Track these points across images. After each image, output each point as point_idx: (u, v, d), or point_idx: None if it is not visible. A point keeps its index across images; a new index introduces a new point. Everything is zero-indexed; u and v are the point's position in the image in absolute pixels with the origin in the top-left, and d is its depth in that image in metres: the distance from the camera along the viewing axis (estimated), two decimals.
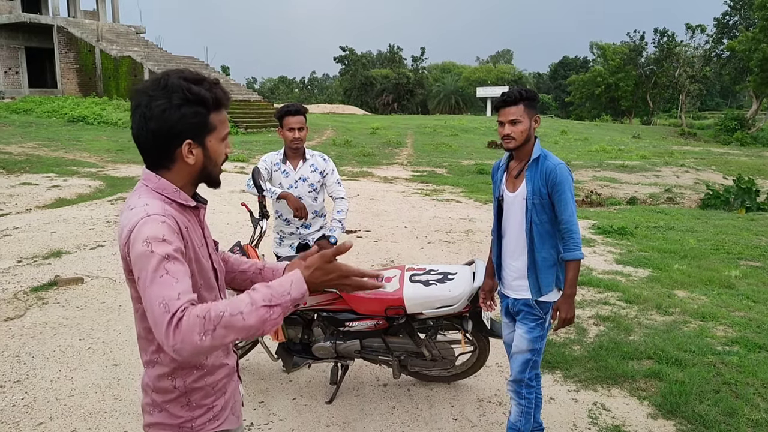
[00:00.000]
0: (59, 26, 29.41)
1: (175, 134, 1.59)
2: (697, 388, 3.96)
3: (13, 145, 16.74)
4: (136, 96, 1.61)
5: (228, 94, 1.69)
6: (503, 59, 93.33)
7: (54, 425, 3.57)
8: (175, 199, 1.65)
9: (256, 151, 18.43)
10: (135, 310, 1.67)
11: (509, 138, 2.98)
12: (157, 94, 1.58)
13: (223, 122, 1.68)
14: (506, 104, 2.98)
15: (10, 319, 5.16)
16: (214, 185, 1.76)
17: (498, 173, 3.21)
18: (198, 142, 1.63)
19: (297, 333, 3.78)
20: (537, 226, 3.00)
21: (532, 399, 3.16)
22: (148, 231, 1.50)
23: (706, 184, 15.61)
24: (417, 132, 29.06)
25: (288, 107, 4.13)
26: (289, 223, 4.28)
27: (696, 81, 51.46)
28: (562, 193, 2.93)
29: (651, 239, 8.69)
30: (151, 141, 1.61)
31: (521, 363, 3.11)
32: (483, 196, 12.39)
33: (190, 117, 1.59)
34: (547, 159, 3.00)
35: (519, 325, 3.12)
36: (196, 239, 1.67)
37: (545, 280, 3.03)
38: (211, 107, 1.62)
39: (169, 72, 1.62)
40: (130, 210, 1.57)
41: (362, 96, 67.68)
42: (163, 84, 1.59)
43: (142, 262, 1.48)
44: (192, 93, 1.59)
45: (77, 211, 9.72)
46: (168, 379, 1.68)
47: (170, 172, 1.65)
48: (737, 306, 5.72)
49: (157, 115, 1.57)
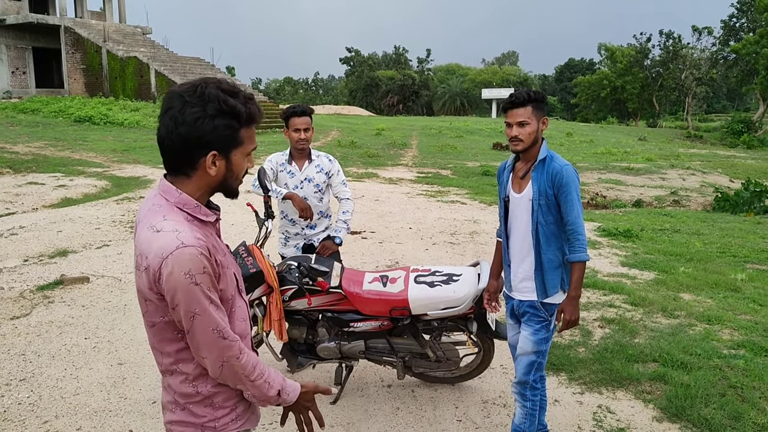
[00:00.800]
0: (66, 27, 29.52)
1: (204, 144, 1.59)
2: (702, 391, 3.94)
3: (20, 144, 16.81)
4: (170, 99, 1.60)
5: (261, 110, 1.68)
6: (509, 61, 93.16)
7: (59, 423, 3.58)
8: (197, 216, 1.65)
9: (261, 152, 18.43)
10: (149, 324, 1.67)
11: (517, 140, 2.96)
12: (192, 101, 1.57)
13: (251, 138, 1.68)
14: (514, 105, 2.96)
15: (17, 318, 5.18)
16: (232, 196, 1.76)
17: (504, 174, 3.20)
18: (223, 155, 1.62)
19: (302, 333, 3.78)
20: (543, 227, 2.99)
21: (537, 401, 3.15)
22: (189, 264, 1.53)
23: (715, 187, 15.55)
24: (422, 133, 29.05)
25: (294, 108, 4.14)
26: (295, 224, 4.28)
27: (702, 83, 51.32)
28: (568, 194, 2.92)
29: (657, 242, 8.66)
30: (178, 146, 1.59)
31: (526, 365, 3.10)
32: (488, 198, 12.37)
33: (221, 129, 1.59)
34: (554, 160, 2.99)
35: (524, 327, 3.12)
36: (219, 252, 1.68)
37: (551, 282, 3.02)
38: (243, 122, 1.62)
39: (206, 80, 1.60)
40: (157, 233, 1.57)
41: (367, 97, 67.67)
42: (200, 92, 1.57)
43: (186, 293, 1.54)
44: (228, 105, 1.58)
45: (83, 210, 9.76)
46: (190, 385, 1.70)
47: (190, 180, 1.64)
48: (743, 309, 5.69)
49: (190, 122, 1.56)
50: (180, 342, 1.66)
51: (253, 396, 1.72)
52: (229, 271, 1.72)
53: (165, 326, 1.64)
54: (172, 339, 1.66)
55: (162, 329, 1.65)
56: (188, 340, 1.62)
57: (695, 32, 50.54)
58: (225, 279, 1.67)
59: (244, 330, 1.79)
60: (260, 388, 1.70)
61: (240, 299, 1.80)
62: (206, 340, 1.60)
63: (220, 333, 1.61)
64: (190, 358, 1.67)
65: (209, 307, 1.58)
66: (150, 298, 1.61)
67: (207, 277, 1.57)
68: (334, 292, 3.62)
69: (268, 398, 1.73)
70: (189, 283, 1.54)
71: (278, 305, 3.54)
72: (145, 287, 1.60)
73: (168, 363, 1.69)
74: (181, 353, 1.67)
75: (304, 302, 3.61)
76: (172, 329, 1.64)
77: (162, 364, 1.71)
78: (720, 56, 50.31)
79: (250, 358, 1.68)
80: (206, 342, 1.60)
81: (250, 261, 3.51)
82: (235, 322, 1.73)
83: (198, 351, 1.62)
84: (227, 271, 1.69)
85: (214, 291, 1.61)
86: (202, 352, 1.62)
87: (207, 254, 1.58)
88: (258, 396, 1.72)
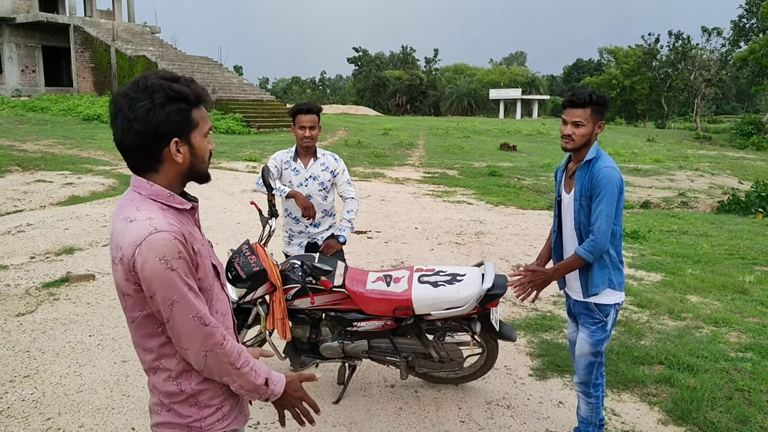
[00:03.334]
0: (75, 25, 29.70)
1: (162, 133, 1.58)
2: (709, 394, 3.90)
3: (29, 142, 16.89)
4: (116, 102, 1.60)
5: (206, 91, 1.69)
6: (517, 61, 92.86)
7: (62, 420, 3.59)
8: (171, 204, 1.64)
9: (268, 151, 18.48)
10: (130, 320, 1.66)
11: (568, 138, 2.99)
12: (138, 96, 1.57)
13: (204, 118, 1.68)
14: (574, 105, 2.97)
15: (22, 315, 5.20)
16: (203, 181, 1.75)
17: (558, 174, 3.25)
18: (184, 140, 1.62)
19: (305, 332, 3.77)
20: (585, 227, 3.02)
21: (600, 394, 3.23)
22: (163, 249, 1.51)
23: (725, 188, 15.44)
24: (429, 133, 29.02)
25: (301, 105, 4.14)
26: (298, 222, 4.27)
27: (712, 84, 50.98)
28: (602, 197, 2.92)
29: (664, 243, 8.60)
30: (138, 143, 1.59)
31: (586, 366, 3.15)
32: (494, 198, 12.34)
33: (174, 114, 1.58)
34: (599, 161, 2.99)
35: (581, 328, 3.17)
36: (197, 241, 1.67)
37: (595, 281, 3.03)
38: (192, 103, 1.62)
39: (146, 74, 1.61)
40: (130, 222, 1.56)
41: (375, 97, 67.72)
42: (143, 85, 1.58)
43: (162, 279, 1.52)
44: (173, 90, 1.58)
45: (90, 208, 9.80)
46: (174, 382, 1.68)
47: (159, 174, 1.64)
48: (751, 312, 5.64)
49: (142, 116, 1.56)
50: (161, 336, 1.64)
51: (241, 387, 1.69)
52: (207, 261, 1.70)
53: (144, 320, 1.63)
54: (153, 334, 1.64)
55: (142, 324, 1.64)
56: (169, 331, 1.59)
57: (704, 33, 50.21)
58: (203, 268, 1.66)
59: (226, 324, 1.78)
60: (247, 376, 1.67)
61: (222, 293, 1.79)
62: (187, 329, 1.57)
63: (201, 320, 1.58)
64: (172, 353, 1.65)
65: (188, 293, 1.56)
66: (127, 291, 1.59)
67: (183, 262, 1.56)
68: (337, 292, 3.60)
69: (256, 387, 1.70)
70: (165, 269, 1.52)
71: (281, 304, 3.52)
72: (122, 279, 1.58)
73: (150, 360, 1.68)
74: (163, 348, 1.65)
75: (307, 301, 3.60)
76: (152, 323, 1.63)
77: (145, 362, 1.70)
78: (729, 57, 49.96)
79: (234, 345, 1.66)
80: (187, 331, 1.57)
81: (253, 259, 3.50)
82: (214, 315, 1.71)
83: (180, 342, 1.60)
84: (205, 261, 1.68)
85: (191, 277, 1.59)
86: (184, 343, 1.59)
87: (182, 239, 1.56)
88: (246, 386, 1.69)
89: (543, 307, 5.65)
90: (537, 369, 4.38)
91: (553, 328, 5.09)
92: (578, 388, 3.25)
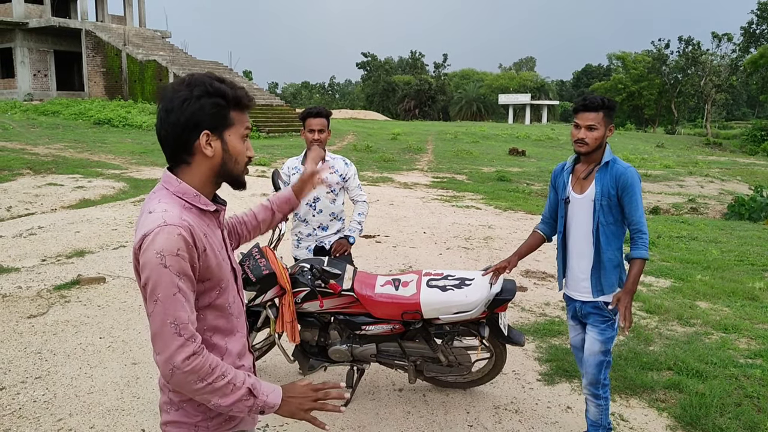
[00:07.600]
0: (87, 30, 29.98)
1: (194, 125, 1.60)
2: (718, 400, 3.89)
3: (41, 146, 17.06)
4: (161, 94, 1.65)
5: (251, 97, 1.71)
6: (526, 66, 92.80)
7: (73, 421, 3.62)
8: (196, 204, 1.65)
9: (277, 155, 18.57)
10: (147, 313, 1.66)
11: (582, 142, 3.03)
12: (180, 88, 1.61)
13: (243, 121, 1.69)
14: (587, 109, 3.02)
15: (33, 317, 5.25)
16: (238, 186, 1.75)
17: (563, 175, 3.24)
18: (216, 135, 1.64)
19: (314, 335, 3.79)
20: (603, 227, 3.07)
21: (608, 396, 3.25)
22: (163, 243, 1.51)
23: (735, 195, 15.35)
24: (438, 138, 29.03)
25: (311, 109, 4.18)
26: (307, 224, 4.30)
27: (722, 90, 50.74)
28: (633, 195, 3.00)
29: (673, 249, 8.57)
30: (171, 132, 1.62)
31: (595, 365, 3.16)
32: (503, 203, 12.33)
33: (209, 108, 1.61)
34: (617, 163, 3.06)
35: (590, 328, 3.17)
36: (215, 243, 1.68)
37: (608, 281, 3.07)
38: (231, 102, 1.64)
39: (194, 73, 1.66)
40: (149, 214, 1.58)
41: (384, 102, 67.83)
42: (188, 81, 1.63)
43: (153, 273, 1.51)
44: (213, 87, 1.62)
45: (101, 211, 9.88)
46: None
47: (191, 167, 1.65)
48: (761, 318, 5.60)
49: (177, 107, 1.59)
50: None
51: (220, 404, 1.58)
52: (225, 264, 1.70)
53: None
54: None
55: None
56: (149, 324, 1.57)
57: (715, 39, 50.01)
58: (212, 270, 1.63)
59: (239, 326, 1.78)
60: (222, 390, 1.56)
61: (238, 297, 1.79)
62: (160, 333, 1.52)
63: (177, 328, 1.52)
64: None
65: (174, 295, 1.51)
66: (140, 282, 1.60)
67: (179, 261, 1.52)
68: (346, 295, 3.62)
69: (239, 399, 1.58)
70: (158, 264, 1.50)
71: (291, 307, 3.55)
72: (134, 270, 1.60)
73: None
74: None
75: (317, 304, 3.62)
76: None
77: None
78: (740, 63, 49.72)
79: (208, 358, 1.56)
80: (160, 334, 1.52)
81: (263, 262, 3.53)
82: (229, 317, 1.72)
83: (153, 342, 1.56)
84: (221, 263, 1.68)
85: (185, 278, 1.54)
86: (155, 346, 1.54)
87: (188, 236, 1.54)
88: (224, 403, 1.57)
89: (551, 313, 5.64)
90: (545, 374, 4.38)
91: (562, 333, 5.08)
92: (587, 391, 3.26)
